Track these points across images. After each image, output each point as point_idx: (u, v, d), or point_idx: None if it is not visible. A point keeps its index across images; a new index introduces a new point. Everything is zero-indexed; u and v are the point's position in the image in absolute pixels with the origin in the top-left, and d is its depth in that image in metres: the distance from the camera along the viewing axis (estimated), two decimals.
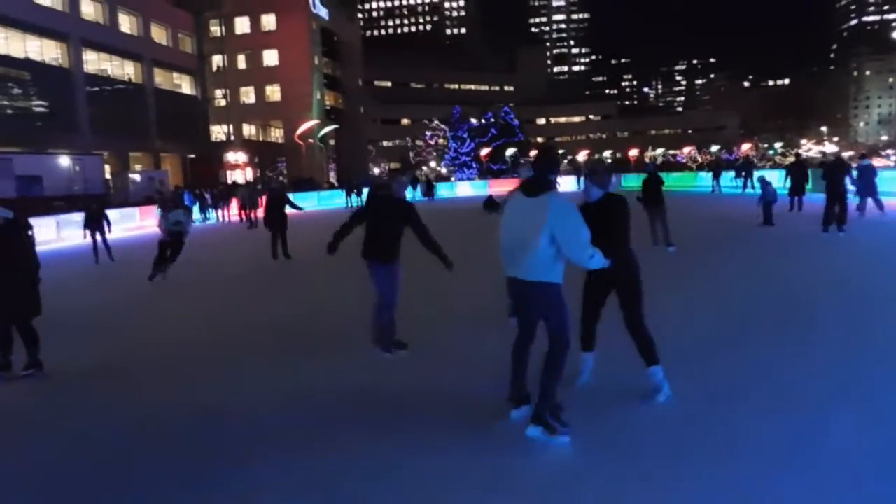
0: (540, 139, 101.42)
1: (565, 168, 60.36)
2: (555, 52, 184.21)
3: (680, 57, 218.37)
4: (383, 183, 6.88)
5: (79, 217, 20.96)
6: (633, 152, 78.48)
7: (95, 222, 16.01)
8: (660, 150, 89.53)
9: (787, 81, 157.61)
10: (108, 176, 39.75)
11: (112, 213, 24.78)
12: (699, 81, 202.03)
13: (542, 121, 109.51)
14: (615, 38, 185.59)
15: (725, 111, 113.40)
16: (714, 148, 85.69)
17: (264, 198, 17.41)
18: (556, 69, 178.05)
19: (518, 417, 4.39)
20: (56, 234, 23.76)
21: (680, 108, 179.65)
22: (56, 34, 37.98)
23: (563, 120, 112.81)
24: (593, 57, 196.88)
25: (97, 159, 37.61)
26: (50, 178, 32.70)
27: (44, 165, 33.14)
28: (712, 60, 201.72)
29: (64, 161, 34.41)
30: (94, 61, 41.38)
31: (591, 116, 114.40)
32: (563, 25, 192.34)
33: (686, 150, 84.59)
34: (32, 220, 21.58)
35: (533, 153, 78.98)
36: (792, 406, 4.53)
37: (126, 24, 44.67)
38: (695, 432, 4.21)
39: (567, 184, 37.27)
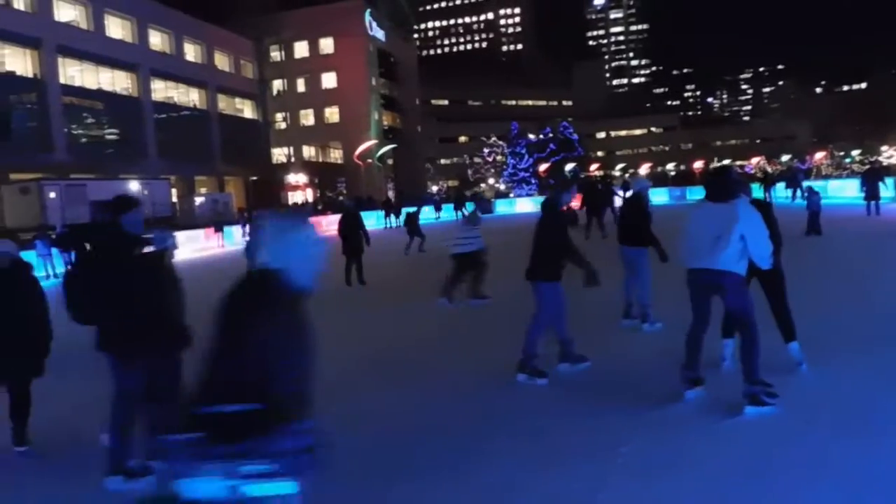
0: (600, 153, 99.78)
1: (629, 181, 58.78)
2: (613, 64, 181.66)
3: (745, 65, 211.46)
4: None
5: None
6: (698, 164, 75.93)
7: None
8: (726, 162, 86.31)
9: (863, 85, 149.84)
10: (174, 199, 41.03)
11: (179, 235, 25.42)
12: (766, 89, 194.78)
13: (601, 135, 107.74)
14: (676, 49, 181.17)
15: (795, 119, 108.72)
16: (785, 158, 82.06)
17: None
18: (615, 82, 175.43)
19: (692, 397, 4.96)
20: None
21: (747, 118, 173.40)
22: (127, 65, 39.68)
23: (623, 133, 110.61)
24: (653, 68, 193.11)
25: (165, 183, 38.87)
26: None
27: (115, 190, 34.24)
28: (780, 67, 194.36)
29: (133, 186, 35.62)
30: (161, 90, 43.03)
31: (652, 129, 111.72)
32: (621, 38, 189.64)
33: (754, 160, 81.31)
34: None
35: (593, 167, 77.89)
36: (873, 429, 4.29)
37: (191, 52, 46.35)
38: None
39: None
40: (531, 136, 67.64)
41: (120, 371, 4.13)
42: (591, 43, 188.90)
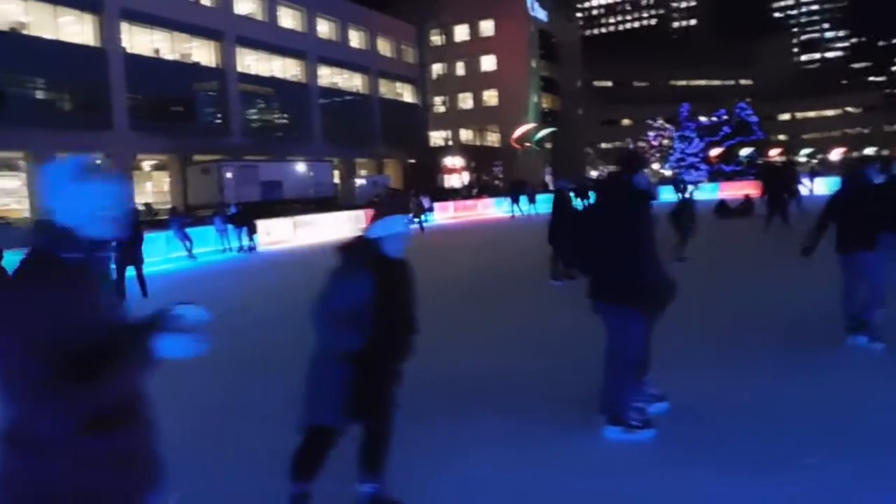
0: (782, 137, 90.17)
1: (817, 168, 52.42)
2: (803, 38, 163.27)
3: None
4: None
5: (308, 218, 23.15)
6: None
7: None
8: None
9: None
10: (336, 180, 42.76)
11: (340, 216, 26.25)
12: None
13: (785, 116, 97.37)
14: (884, 16, 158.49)
15: None
16: None
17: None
18: (803, 57, 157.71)
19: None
20: (293, 233, 25.02)
21: None
22: (296, 53, 41.81)
23: (811, 114, 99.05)
24: (853, 40, 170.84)
25: (327, 165, 40.58)
26: (288, 183, 35.84)
27: (283, 171, 36.41)
28: None
29: (300, 167, 37.54)
30: (326, 75, 44.93)
31: (848, 109, 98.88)
32: (814, 7, 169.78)
33: None
34: (273, 222, 23.78)
35: (773, 152, 70.41)
36: None
37: (355, 39, 47.92)
38: None
39: (819, 186, 31.47)
40: (702, 119, 62.55)
41: (628, 323, 4.16)
42: (776, 15, 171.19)
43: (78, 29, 30.49)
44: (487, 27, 63.61)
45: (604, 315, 4.30)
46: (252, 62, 39.55)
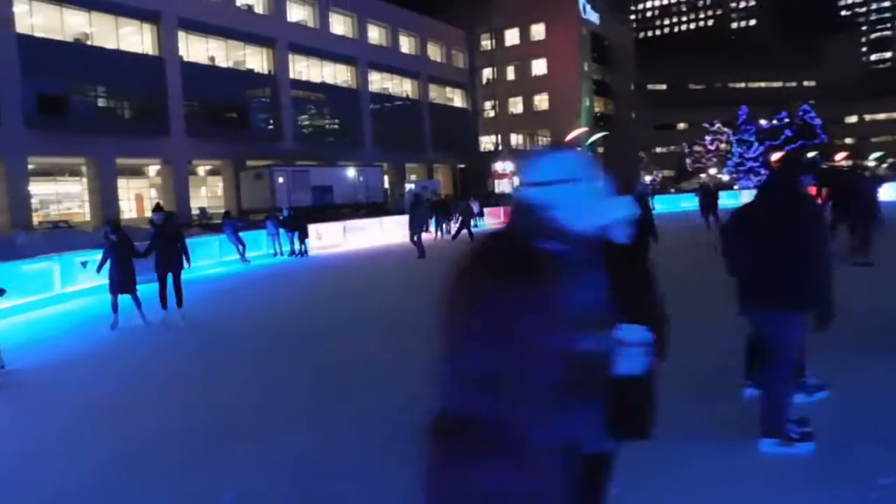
0: (848, 140, 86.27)
1: (887, 173, 49.80)
2: (873, 36, 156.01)
3: None
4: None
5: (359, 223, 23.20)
6: None
7: None
8: None
9: None
10: (386, 186, 42.86)
11: (390, 220, 26.23)
12: None
13: (852, 119, 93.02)
14: None
15: None
16: None
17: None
18: (873, 57, 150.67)
19: None
20: (343, 237, 24.76)
21: None
22: (347, 59, 42.18)
23: (881, 116, 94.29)
24: None
25: (378, 170, 40.72)
26: (339, 188, 36.12)
27: (334, 176, 36.71)
28: None
29: (350, 173, 37.76)
30: (377, 81, 45.18)
31: None
32: (885, 4, 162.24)
33: None
34: (324, 227, 23.82)
35: (839, 156, 67.27)
36: None
37: (405, 44, 48.05)
38: None
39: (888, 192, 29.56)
40: (762, 122, 60.36)
41: (791, 330, 3.91)
42: (843, 13, 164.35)
43: (137, 39, 31.46)
44: (538, 31, 62.96)
45: (762, 323, 4.08)
46: (304, 68, 40.07)
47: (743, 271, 4.11)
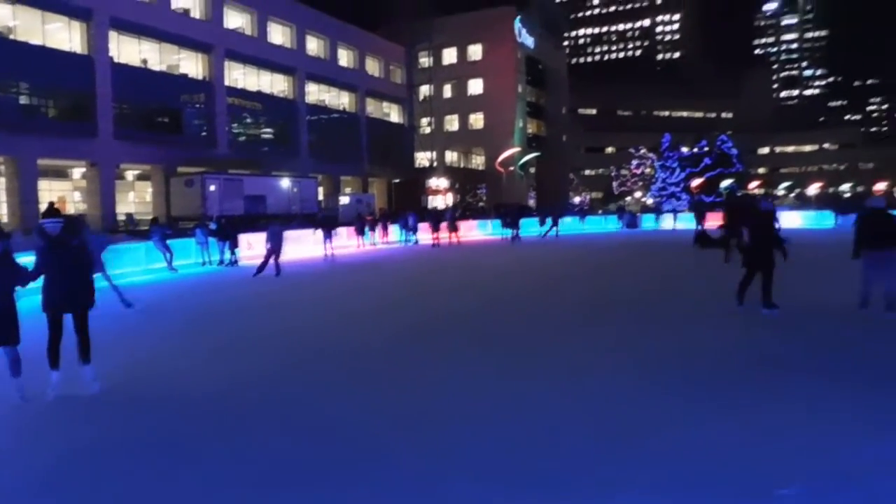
0: (762, 170, 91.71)
1: (795, 203, 53.41)
2: (782, 74, 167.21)
3: None
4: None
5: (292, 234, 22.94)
6: (880, 186, 67.35)
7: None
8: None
9: None
10: (320, 197, 42.62)
11: (322, 233, 25.92)
12: None
13: (764, 150, 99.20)
14: (859, 57, 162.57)
15: None
16: None
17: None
18: (783, 94, 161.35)
19: None
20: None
21: None
22: (285, 69, 41.91)
23: (790, 149, 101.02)
24: (830, 79, 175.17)
25: (313, 182, 40.46)
26: (273, 198, 35.64)
27: (268, 186, 36.23)
28: None
29: (285, 183, 37.37)
30: (314, 92, 45.06)
31: (825, 145, 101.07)
32: (793, 45, 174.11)
33: None
34: (255, 236, 23.35)
35: (752, 185, 71.51)
36: None
37: (344, 57, 48.19)
38: None
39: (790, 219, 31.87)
40: (684, 149, 63.40)
41: None
42: (757, 51, 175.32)
43: (65, 36, 30.32)
44: (476, 51, 64.36)
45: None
46: (240, 76, 39.55)
47: None
